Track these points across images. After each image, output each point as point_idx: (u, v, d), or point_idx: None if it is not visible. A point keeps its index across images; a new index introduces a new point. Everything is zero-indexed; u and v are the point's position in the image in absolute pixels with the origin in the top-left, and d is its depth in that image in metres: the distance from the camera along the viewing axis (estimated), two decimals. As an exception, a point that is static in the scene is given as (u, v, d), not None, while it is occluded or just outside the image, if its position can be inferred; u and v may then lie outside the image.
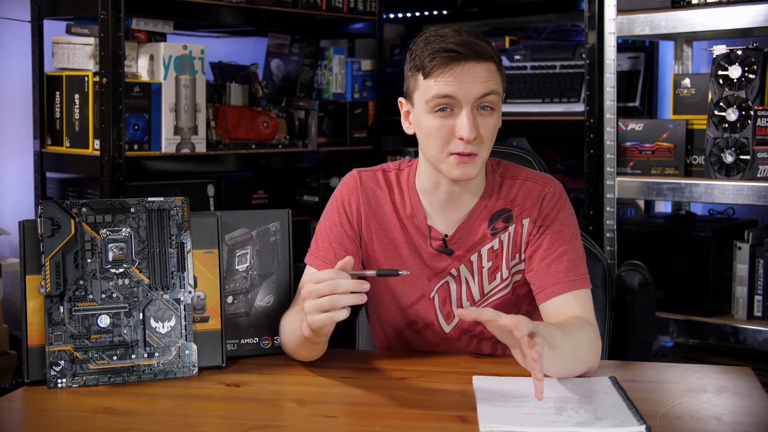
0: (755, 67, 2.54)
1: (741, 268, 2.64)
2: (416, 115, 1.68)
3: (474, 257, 1.74)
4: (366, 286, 1.47)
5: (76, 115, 2.64)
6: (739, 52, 2.56)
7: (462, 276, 1.75)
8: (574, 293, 1.67)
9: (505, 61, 3.15)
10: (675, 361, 2.78)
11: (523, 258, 1.74)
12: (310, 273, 1.76)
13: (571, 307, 1.67)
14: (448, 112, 1.62)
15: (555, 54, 3.08)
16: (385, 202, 1.78)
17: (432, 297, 1.77)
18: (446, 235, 1.74)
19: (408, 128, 1.73)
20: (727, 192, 2.53)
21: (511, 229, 1.74)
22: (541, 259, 1.71)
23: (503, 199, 1.74)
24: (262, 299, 1.76)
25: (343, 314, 1.46)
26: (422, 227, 1.76)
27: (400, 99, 1.73)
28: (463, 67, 1.60)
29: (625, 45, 3.09)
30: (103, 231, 1.62)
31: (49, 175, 2.83)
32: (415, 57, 1.64)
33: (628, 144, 2.77)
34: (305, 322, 1.53)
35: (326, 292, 1.46)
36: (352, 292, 1.46)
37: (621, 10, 2.68)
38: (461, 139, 1.60)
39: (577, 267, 1.70)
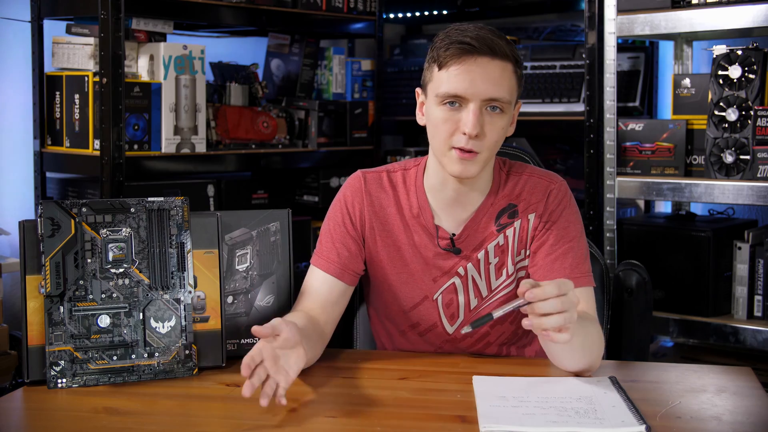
0: (755, 67, 2.54)
1: (741, 268, 2.64)
2: (427, 105, 1.69)
3: (481, 255, 1.74)
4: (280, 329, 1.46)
5: (76, 115, 2.64)
6: (739, 52, 2.56)
7: (469, 274, 1.75)
8: (579, 290, 1.67)
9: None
10: (675, 361, 2.78)
11: (527, 253, 1.75)
12: (312, 274, 1.77)
13: None
14: (456, 106, 1.63)
15: (555, 54, 3.08)
16: (388, 204, 1.78)
17: (435, 299, 1.77)
18: (454, 235, 1.74)
19: (420, 119, 1.74)
20: (727, 192, 2.53)
21: (517, 224, 1.74)
22: (545, 255, 1.71)
23: (508, 195, 1.75)
24: (262, 299, 1.76)
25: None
26: (429, 227, 1.75)
27: (417, 89, 1.75)
28: (475, 60, 1.61)
29: (625, 45, 3.09)
30: (103, 231, 1.62)
31: (49, 175, 2.83)
32: (434, 48, 1.66)
33: (628, 144, 2.77)
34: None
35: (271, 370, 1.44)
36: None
37: (621, 10, 2.68)
38: (464, 134, 1.61)
39: (581, 264, 1.70)
